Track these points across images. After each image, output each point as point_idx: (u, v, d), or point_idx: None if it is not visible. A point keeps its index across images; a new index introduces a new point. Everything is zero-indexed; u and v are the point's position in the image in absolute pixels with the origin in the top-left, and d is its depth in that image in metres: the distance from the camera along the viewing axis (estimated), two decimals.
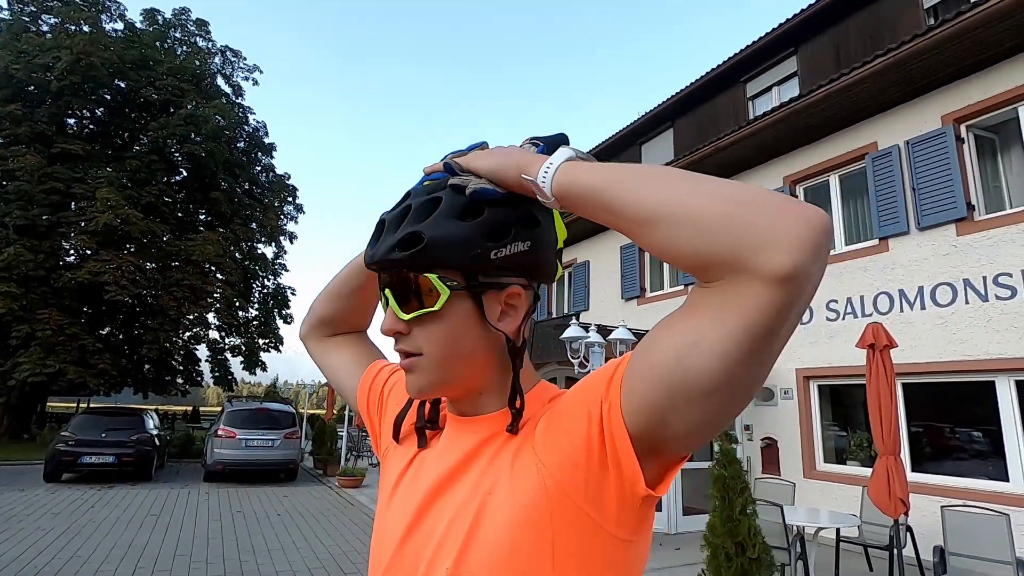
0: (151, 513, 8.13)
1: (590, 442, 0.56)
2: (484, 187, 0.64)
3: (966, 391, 6.39)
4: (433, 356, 0.65)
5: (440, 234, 0.62)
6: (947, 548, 4.55)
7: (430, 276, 0.63)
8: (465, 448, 0.67)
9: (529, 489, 0.58)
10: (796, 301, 0.48)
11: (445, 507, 0.64)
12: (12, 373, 15.32)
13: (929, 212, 6.64)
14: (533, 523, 0.57)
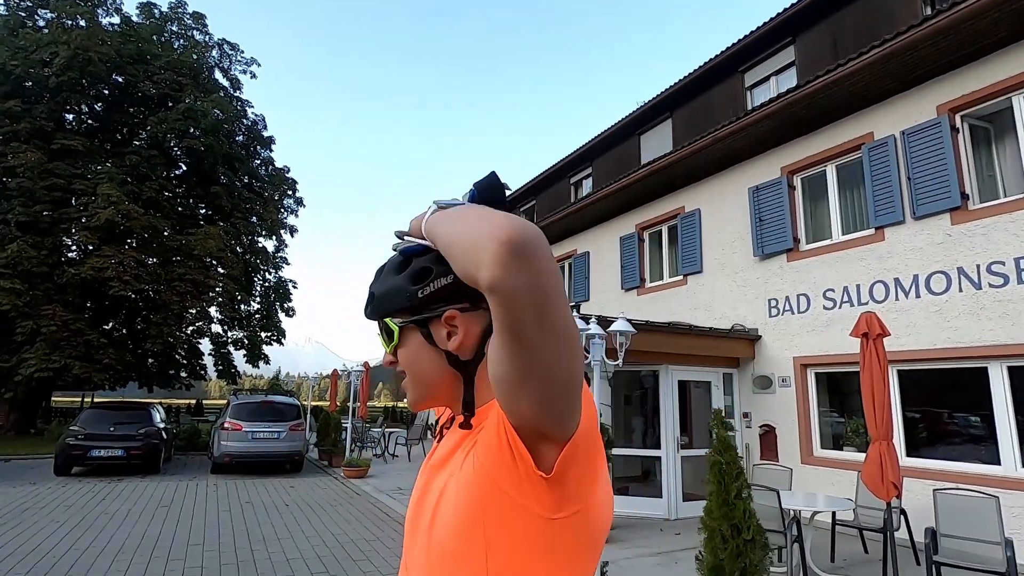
0: (162, 504, 8.30)
1: (500, 437, 0.70)
2: (406, 246, 0.85)
3: (960, 378, 6.52)
4: (410, 374, 0.87)
5: (383, 289, 0.87)
6: (939, 530, 4.69)
7: (387, 320, 0.87)
8: (449, 444, 0.85)
9: (468, 476, 0.74)
10: (512, 304, 0.60)
11: (431, 489, 0.82)
12: (18, 369, 15.45)
13: (924, 202, 6.73)
14: (470, 501, 0.72)
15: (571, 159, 15.22)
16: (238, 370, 22.17)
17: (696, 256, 9.84)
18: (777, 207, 8.50)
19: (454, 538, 0.73)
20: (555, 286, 0.61)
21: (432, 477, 0.84)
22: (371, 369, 14.86)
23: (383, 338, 0.89)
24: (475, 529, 0.71)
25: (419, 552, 0.80)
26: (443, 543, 0.75)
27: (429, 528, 0.78)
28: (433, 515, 0.78)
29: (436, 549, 0.76)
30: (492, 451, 0.71)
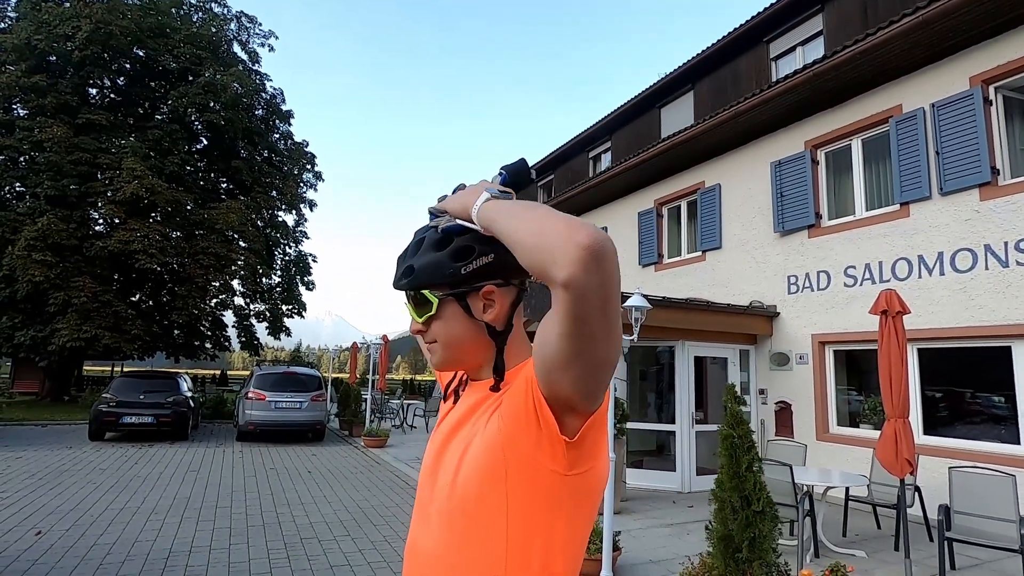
0: (191, 469, 8.63)
1: (527, 403, 0.78)
2: (448, 224, 0.90)
3: (982, 357, 6.44)
4: (443, 342, 0.93)
5: (423, 263, 0.91)
6: (952, 507, 4.70)
7: (424, 292, 0.91)
8: (469, 403, 0.93)
9: (492, 433, 0.82)
10: (582, 299, 0.66)
11: (453, 445, 0.90)
12: (52, 339, 16.00)
13: (952, 177, 6.56)
14: (494, 455, 0.81)
15: (590, 133, 15.03)
16: (260, 342, 22.67)
17: (715, 232, 9.74)
18: (799, 182, 8.35)
19: (478, 485, 0.82)
20: (617, 284, 0.69)
21: (454, 432, 0.91)
22: (390, 342, 15.09)
23: (412, 307, 0.94)
24: (497, 480, 0.81)
25: (440, 499, 0.87)
26: (467, 491, 0.83)
27: (453, 477, 0.85)
28: (458, 466, 0.85)
29: (460, 495, 0.84)
30: (518, 415, 0.80)
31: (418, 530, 0.92)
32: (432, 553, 0.87)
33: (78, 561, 4.48)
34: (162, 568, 4.39)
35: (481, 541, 0.82)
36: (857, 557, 5.09)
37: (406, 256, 0.95)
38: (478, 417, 0.89)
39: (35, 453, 9.59)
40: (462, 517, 0.84)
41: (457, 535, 0.84)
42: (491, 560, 0.82)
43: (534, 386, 0.77)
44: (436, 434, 0.97)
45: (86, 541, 4.99)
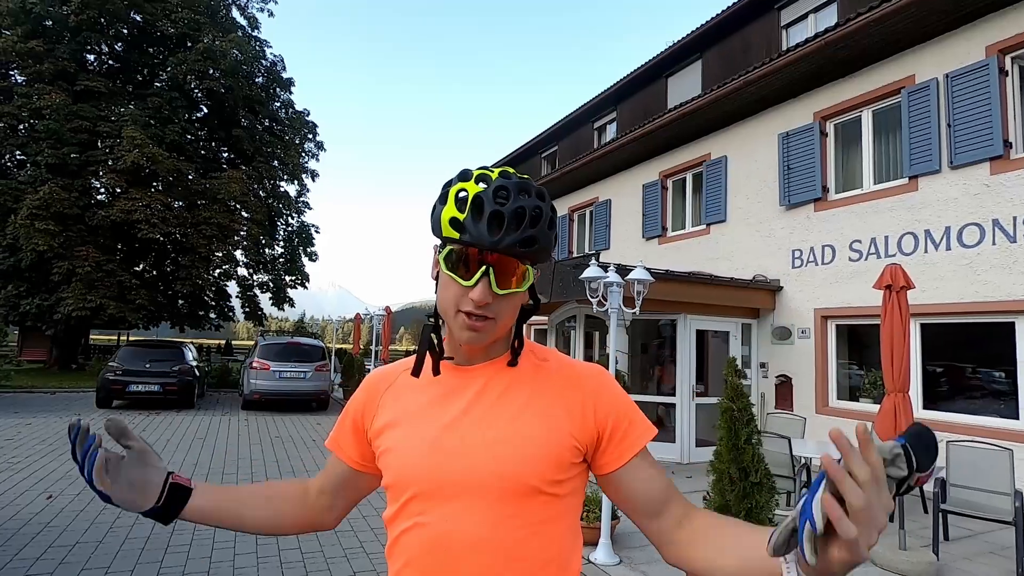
0: (197, 436, 8.77)
1: (604, 433, 0.90)
2: (549, 205, 0.88)
3: (986, 332, 6.42)
4: (501, 320, 0.87)
5: (545, 241, 0.86)
6: (949, 480, 4.75)
7: (529, 268, 0.88)
8: (485, 381, 0.91)
9: (557, 423, 0.88)
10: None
11: (485, 424, 0.88)
12: (57, 308, 16.12)
13: (963, 150, 6.45)
14: (560, 443, 0.87)
15: (595, 103, 14.78)
16: (264, 312, 22.78)
17: (720, 205, 9.64)
18: (807, 155, 8.22)
19: (545, 469, 0.85)
20: None
21: (476, 410, 0.88)
22: (392, 314, 15.15)
23: (498, 277, 0.84)
24: (563, 466, 0.87)
25: (485, 481, 0.83)
26: (529, 474, 0.84)
27: (506, 458, 0.84)
28: (511, 447, 0.85)
29: (522, 478, 0.84)
30: (589, 426, 0.90)
31: (446, 515, 0.84)
32: (482, 539, 0.82)
33: (88, 524, 4.59)
34: (170, 532, 4.49)
35: (546, 525, 0.86)
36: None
37: (519, 219, 0.83)
38: (521, 399, 0.89)
39: (44, 420, 9.75)
40: (524, 500, 0.84)
41: (518, 519, 0.83)
42: (557, 545, 0.87)
43: (606, 450, 0.90)
44: (437, 410, 0.90)
45: (95, 505, 5.10)
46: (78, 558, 3.89)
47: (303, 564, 3.97)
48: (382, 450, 0.92)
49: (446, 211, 0.85)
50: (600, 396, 0.91)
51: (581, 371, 0.95)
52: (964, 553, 4.63)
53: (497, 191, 0.84)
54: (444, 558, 0.83)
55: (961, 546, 4.81)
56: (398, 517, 0.89)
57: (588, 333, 9.47)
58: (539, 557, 0.84)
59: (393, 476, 0.90)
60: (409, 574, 0.86)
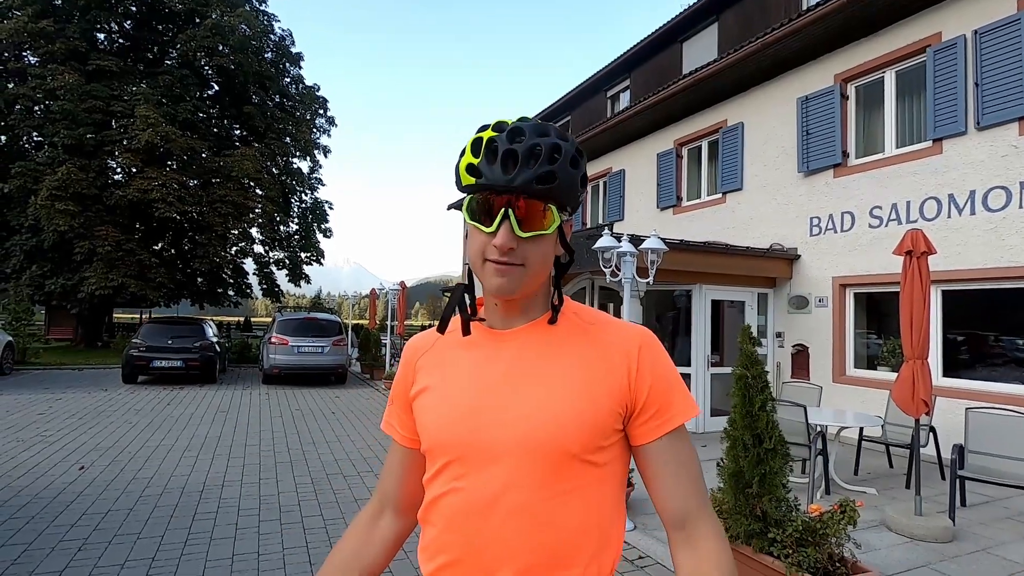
0: (220, 410, 9.00)
1: (639, 402, 0.87)
2: (572, 143, 0.84)
3: (1009, 299, 6.29)
4: (531, 267, 0.83)
5: (566, 178, 0.81)
6: (967, 447, 4.72)
7: (552, 207, 0.82)
8: (526, 341, 0.88)
9: (604, 396, 0.85)
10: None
11: (528, 384, 0.85)
12: (80, 287, 16.47)
13: (991, 110, 6.22)
14: (607, 414, 0.84)
15: (609, 70, 14.46)
16: (281, 289, 23.05)
17: (737, 173, 9.46)
18: (827, 119, 8.00)
19: (592, 435, 0.83)
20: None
21: (517, 371, 0.85)
22: (407, 289, 15.24)
23: (520, 219, 0.80)
24: (602, 435, 0.84)
25: (529, 444, 0.81)
26: (578, 438, 0.82)
27: (553, 421, 0.81)
28: (559, 410, 0.82)
29: (570, 442, 0.81)
30: (633, 394, 0.86)
31: (484, 480, 0.82)
32: (520, 504, 0.81)
33: (119, 493, 4.76)
34: (197, 500, 4.64)
35: (585, 492, 0.83)
36: (868, 494, 5.18)
37: (535, 157, 0.80)
38: (563, 362, 0.86)
39: (74, 395, 10.05)
40: (563, 466, 0.82)
41: (557, 486, 0.81)
42: (596, 514, 0.85)
43: (643, 421, 0.87)
44: (475, 373, 0.88)
45: (125, 475, 5.28)
46: (111, 525, 4.05)
47: (324, 530, 4.09)
48: (419, 415, 0.91)
49: (463, 161, 0.83)
50: (643, 361, 0.87)
51: (628, 333, 0.90)
52: (980, 519, 4.62)
53: (513, 133, 0.81)
54: (481, 524, 0.81)
55: (977, 512, 4.80)
56: (434, 481, 0.87)
57: (602, 304, 9.45)
58: (578, 525, 0.82)
59: (430, 441, 0.88)
60: (446, 539, 0.85)
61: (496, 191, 0.81)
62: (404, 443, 0.97)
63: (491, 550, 0.81)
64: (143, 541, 3.78)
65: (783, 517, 2.88)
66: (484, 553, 0.81)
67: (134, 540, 3.79)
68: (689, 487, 0.87)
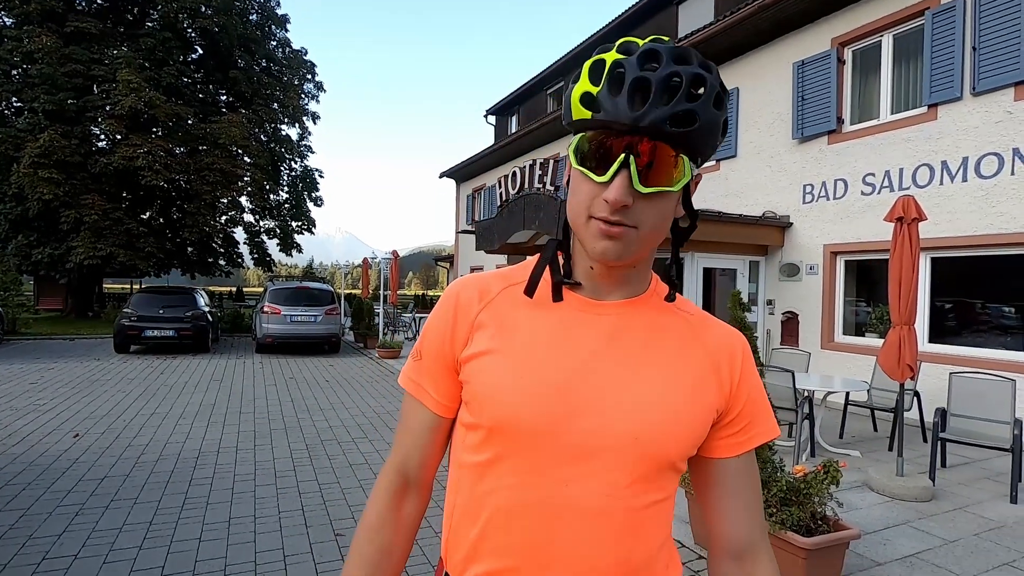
0: (214, 379, 9.03)
1: (732, 413, 0.77)
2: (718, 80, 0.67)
3: (998, 266, 6.35)
4: (645, 231, 0.67)
5: (708, 119, 0.64)
6: (950, 410, 4.83)
7: (684, 157, 0.65)
8: (634, 322, 0.75)
9: (704, 392, 0.74)
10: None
11: (620, 376, 0.71)
12: (68, 256, 16.29)
13: (987, 75, 6.16)
14: (705, 418, 0.74)
15: (602, 33, 14.15)
16: (273, 259, 22.91)
17: (731, 140, 9.38)
18: (823, 84, 7.90)
19: (682, 445, 0.72)
20: None
21: (612, 357, 0.72)
22: (400, 258, 15.17)
23: (640, 170, 0.64)
24: (698, 443, 0.75)
25: (617, 443, 0.69)
26: (668, 445, 0.71)
27: (650, 422, 0.70)
28: (657, 412, 0.70)
29: (661, 448, 0.70)
30: (720, 406, 0.76)
31: (564, 477, 0.69)
32: (600, 510, 0.69)
33: (115, 460, 4.80)
34: (193, 466, 4.69)
35: (666, 502, 0.74)
36: (852, 456, 5.31)
37: (672, 91, 0.63)
38: (669, 353, 0.74)
39: (66, 364, 10.04)
40: (655, 473, 0.71)
41: (644, 496, 0.71)
42: (669, 526, 0.76)
43: (736, 397, 0.76)
44: (562, 346, 0.72)
45: (121, 443, 5.32)
46: (107, 490, 4.09)
47: (320, 494, 4.15)
48: (480, 381, 0.73)
49: (577, 88, 0.67)
50: (747, 369, 0.77)
51: (732, 334, 0.79)
52: (959, 479, 4.76)
53: (645, 56, 0.64)
54: (554, 529, 0.69)
55: (957, 472, 4.94)
56: (491, 469, 0.72)
57: None
58: (656, 537, 0.73)
59: (495, 417, 0.71)
60: (501, 540, 0.71)
61: (617, 131, 0.64)
62: (437, 410, 0.80)
63: (562, 562, 0.69)
64: (140, 506, 3.83)
65: (768, 478, 2.94)
66: (553, 565, 0.69)
67: (131, 505, 3.84)
68: (756, 514, 0.78)
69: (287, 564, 3.08)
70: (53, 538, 3.31)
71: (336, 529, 3.55)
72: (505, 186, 9.32)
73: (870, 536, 3.53)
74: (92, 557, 3.09)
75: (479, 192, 19.84)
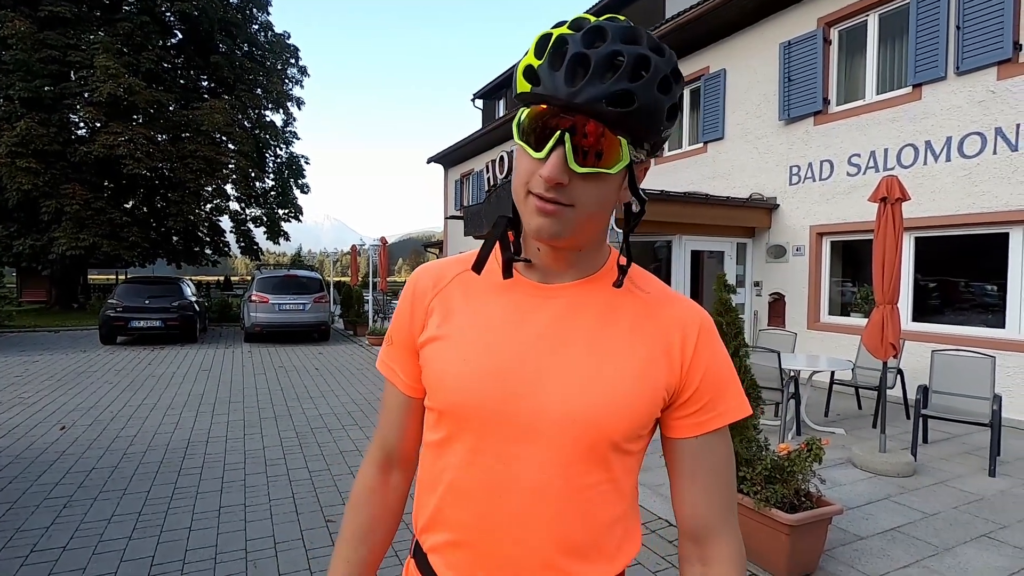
0: (202, 369, 8.97)
1: (688, 391, 0.75)
2: (668, 70, 0.65)
3: (980, 245, 6.42)
4: (582, 211, 0.66)
5: (649, 101, 0.62)
6: (931, 387, 4.91)
7: (622, 140, 0.64)
8: (576, 303, 0.74)
9: (652, 372, 0.73)
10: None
11: (568, 355, 0.72)
12: (51, 248, 16.02)
13: (971, 54, 6.18)
14: (653, 395, 0.73)
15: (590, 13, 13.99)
16: (260, 247, 22.70)
17: (718, 122, 9.37)
18: (809, 65, 7.89)
19: (630, 421, 0.71)
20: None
21: (557, 337, 0.73)
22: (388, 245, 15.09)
23: (575, 150, 0.64)
24: (646, 424, 0.74)
25: (559, 420, 0.70)
26: (608, 427, 0.71)
27: (592, 399, 0.70)
28: (599, 387, 0.70)
29: (605, 423, 0.70)
30: (672, 384, 0.74)
31: (508, 454, 0.71)
32: (546, 486, 0.70)
33: (103, 452, 4.77)
34: (182, 456, 4.68)
35: (617, 481, 0.74)
36: (836, 434, 5.40)
37: (613, 69, 0.62)
38: (616, 336, 0.73)
39: (51, 357, 9.94)
40: (598, 454, 0.71)
41: (591, 475, 0.71)
42: (625, 503, 0.76)
43: (691, 375, 0.74)
44: (508, 328, 0.74)
45: (108, 434, 5.29)
46: (95, 482, 4.07)
47: (310, 481, 4.16)
48: (431, 366, 0.77)
49: (523, 61, 0.66)
50: (702, 345, 0.75)
51: (690, 309, 0.77)
52: (941, 454, 4.86)
53: (591, 33, 0.63)
54: (500, 505, 0.71)
55: (938, 448, 5.04)
56: (445, 448, 0.76)
57: None
58: (601, 517, 0.73)
59: (444, 401, 0.75)
60: (452, 515, 0.75)
61: (554, 105, 0.63)
62: (406, 391, 0.84)
63: (510, 537, 0.71)
64: (129, 497, 3.82)
65: (753, 457, 2.99)
66: (500, 539, 0.72)
67: (120, 496, 3.83)
68: (718, 497, 0.76)
69: (278, 551, 3.10)
70: (41, 530, 3.29)
71: (327, 516, 3.56)
72: (493, 171, 9.26)
73: (853, 511, 3.61)
74: (81, 548, 3.08)
75: (467, 177, 19.71)
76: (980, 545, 3.21)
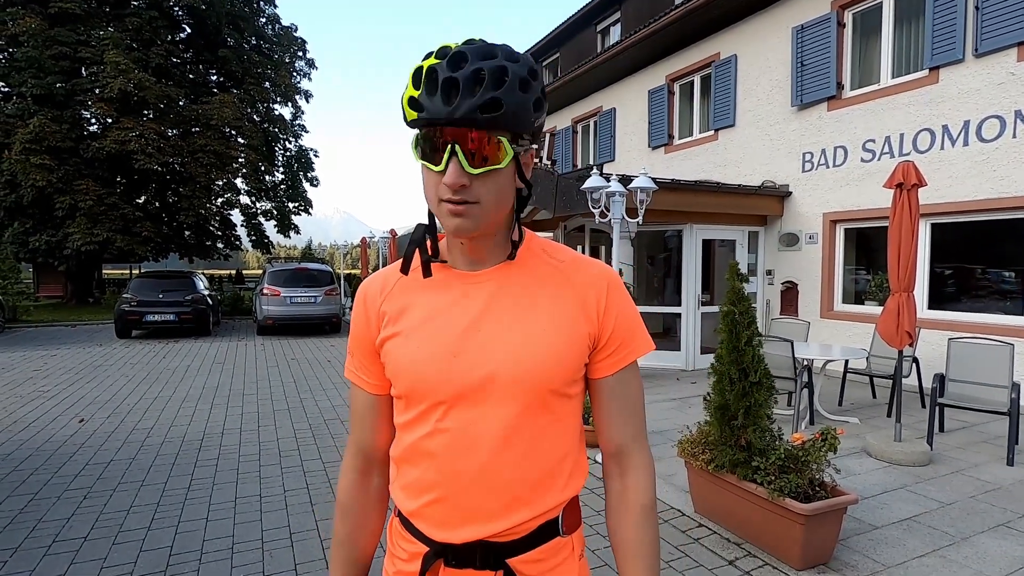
0: (216, 362, 9.07)
1: (604, 337, 0.89)
2: (524, 64, 0.78)
3: (998, 230, 6.31)
4: (487, 205, 0.79)
5: (514, 103, 0.74)
6: (948, 375, 4.85)
7: (503, 138, 0.76)
8: (489, 289, 0.87)
9: (573, 323, 0.87)
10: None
11: (500, 324, 0.85)
12: (65, 243, 16.22)
13: (990, 35, 6.03)
14: (579, 343, 0.87)
15: (598, 2, 13.86)
16: (271, 240, 22.83)
17: (729, 109, 9.25)
18: (822, 49, 7.75)
19: (562, 367, 0.85)
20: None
21: (491, 312, 0.85)
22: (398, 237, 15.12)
23: (468, 154, 0.75)
24: (578, 369, 0.88)
25: (506, 380, 0.82)
26: (550, 371, 0.84)
27: (529, 356, 0.83)
28: (532, 345, 0.84)
29: (541, 375, 0.83)
30: (592, 332, 0.88)
31: (469, 419, 0.83)
32: (505, 439, 0.83)
33: (120, 444, 4.85)
34: (198, 448, 4.74)
35: (562, 422, 0.88)
36: (850, 423, 5.36)
37: (479, 83, 0.73)
38: (539, 302, 0.86)
39: (69, 351, 10.09)
40: (544, 401, 0.85)
41: (539, 420, 0.85)
42: (570, 439, 0.90)
43: (605, 324, 0.88)
44: (450, 316, 0.86)
45: (126, 427, 5.37)
46: (114, 474, 4.14)
47: (324, 472, 4.20)
48: (393, 360, 0.88)
49: (405, 94, 0.78)
50: (612, 299, 0.89)
51: (598, 271, 0.91)
52: (957, 443, 4.80)
53: (455, 59, 0.75)
54: (469, 461, 0.83)
55: (955, 437, 4.99)
56: (416, 424, 0.87)
57: (594, 248, 9.43)
58: (556, 452, 0.88)
59: (408, 385, 0.86)
60: (431, 478, 0.86)
61: (439, 125, 0.75)
62: (372, 391, 0.95)
63: (479, 484, 0.84)
64: (147, 488, 3.88)
65: (767, 446, 2.97)
66: (472, 488, 0.84)
67: (138, 487, 3.89)
68: (630, 420, 0.93)
69: (294, 541, 3.13)
70: (62, 521, 3.35)
71: None
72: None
73: (868, 501, 3.58)
74: (101, 539, 3.14)
75: None
76: (998, 534, 3.18)
